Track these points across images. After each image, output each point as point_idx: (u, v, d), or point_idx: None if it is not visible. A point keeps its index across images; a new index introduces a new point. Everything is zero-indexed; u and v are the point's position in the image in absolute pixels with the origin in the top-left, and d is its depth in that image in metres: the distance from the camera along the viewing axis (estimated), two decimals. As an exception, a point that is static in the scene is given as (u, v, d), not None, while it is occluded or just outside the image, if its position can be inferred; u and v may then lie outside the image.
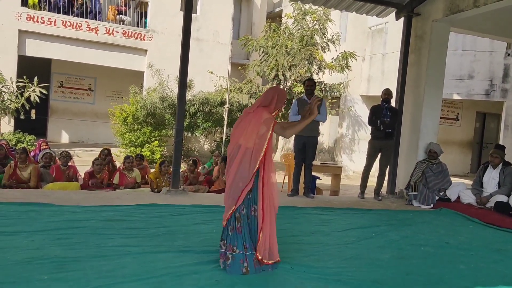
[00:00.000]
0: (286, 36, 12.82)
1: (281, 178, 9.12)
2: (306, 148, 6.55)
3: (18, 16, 12.49)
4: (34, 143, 11.06)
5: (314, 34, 12.59)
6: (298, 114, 6.32)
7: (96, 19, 13.50)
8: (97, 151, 9.55)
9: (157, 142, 12.37)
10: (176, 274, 3.04)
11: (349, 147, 14.26)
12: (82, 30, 13.15)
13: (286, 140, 16.82)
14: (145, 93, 12.93)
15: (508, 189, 6.26)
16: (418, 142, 7.20)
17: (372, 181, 7.28)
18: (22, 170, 6.28)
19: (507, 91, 11.87)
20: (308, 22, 12.83)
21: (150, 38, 14.05)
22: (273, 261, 3.28)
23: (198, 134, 13.41)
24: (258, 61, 12.93)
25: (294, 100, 7.31)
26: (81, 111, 15.34)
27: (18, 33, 12.55)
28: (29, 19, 12.59)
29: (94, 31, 13.30)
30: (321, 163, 8.79)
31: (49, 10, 12.94)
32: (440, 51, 7.26)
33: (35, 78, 12.20)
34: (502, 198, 6.17)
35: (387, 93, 6.94)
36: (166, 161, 7.38)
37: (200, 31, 14.41)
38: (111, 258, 3.24)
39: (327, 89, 13.17)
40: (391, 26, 11.97)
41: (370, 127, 7.15)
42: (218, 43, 14.95)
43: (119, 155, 11.02)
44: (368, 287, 3.15)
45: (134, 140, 12.16)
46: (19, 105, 11.93)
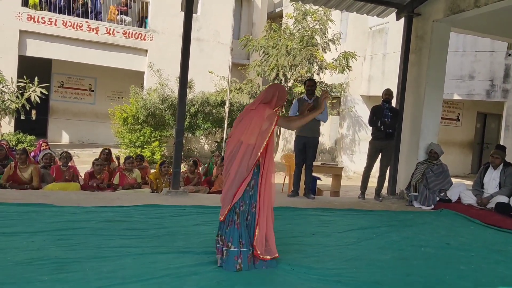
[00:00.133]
0: (286, 36, 12.83)
1: (281, 178, 9.12)
2: (306, 148, 6.55)
3: (19, 16, 12.50)
4: (34, 144, 11.06)
5: (315, 34, 12.60)
6: (298, 114, 6.31)
7: (96, 19, 13.52)
8: (97, 152, 9.56)
9: (157, 143, 12.38)
10: (176, 275, 3.03)
11: (349, 148, 14.25)
12: (82, 30, 13.16)
13: (286, 140, 16.82)
14: (145, 93, 12.93)
15: (509, 190, 6.24)
16: (419, 142, 7.18)
17: (372, 181, 7.27)
18: (22, 170, 6.27)
19: (508, 92, 11.86)
20: (308, 22, 12.84)
21: (150, 38, 14.06)
22: (270, 257, 3.30)
23: (198, 135, 13.41)
24: (259, 61, 12.94)
25: (294, 100, 7.30)
26: (81, 112, 15.35)
27: (18, 33, 12.57)
28: (29, 19, 12.60)
29: (95, 31, 13.31)
30: (321, 164, 8.78)
31: (49, 10, 12.95)
32: (440, 51, 7.25)
33: (36, 78, 12.21)
34: (503, 199, 6.16)
35: (388, 93, 6.93)
36: (166, 161, 7.38)
37: (200, 31, 14.42)
38: (111, 259, 3.24)
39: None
40: (392, 26, 11.96)
41: (370, 128, 7.14)
42: (218, 43, 14.95)
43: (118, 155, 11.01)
44: (368, 288, 3.15)
45: (135, 140, 12.17)
46: (20, 105, 11.95)
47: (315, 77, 12.55)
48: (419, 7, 7.35)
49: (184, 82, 6.30)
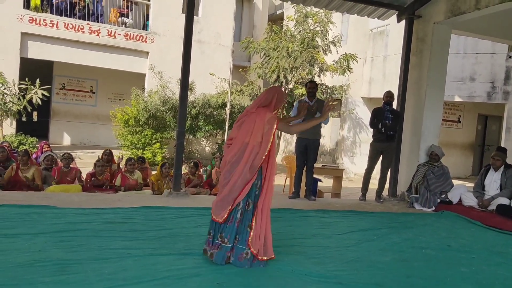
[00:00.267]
0: (287, 38, 12.84)
1: (282, 180, 9.12)
2: (307, 150, 6.55)
3: (21, 18, 12.54)
4: (36, 145, 11.09)
5: (316, 36, 12.61)
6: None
7: (98, 22, 13.55)
8: (98, 153, 9.57)
9: (158, 145, 12.39)
10: (177, 276, 3.04)
11: (350, 150, 14.25)
12: (84, 32, 13.19)
13: (287, 142, 16.82)
14: (146, 95, 12.95)
15: (510, 191, 6.23)
16: (420, 144, 7.18)
17: (373, 183, 7.27)
18: (24, 172, 6.29)
19: (509, 93, 11.86)
20: (309, 25, 12.85)
21: (152, 40, 14.09)
22: (267, 257, 3.35)
23: (199, 137, 13.43)
24: (260, 63, 12.95)
25: (295, 102, 7.31)
26: (82, 113, 15.37)
27: (20, 35, 12.60)
28: (31, 22, 12.63)
29: (96, 34, 13.33)
30: (322, 166, 8.79)
31: (51, 13, 12.99)
32: (441, 53, 7.25)
33: (37, 80, 12.24)
34: (504, 200, 6.15)
35: (389, 95, 6.93)
36: (167, 163, 7.39)
37: (201, 33, 14.45)
38: (113, 261, 3.25)
39: (329, 91, 13.17)
40: (393, 28, 11.98)
41: (371, 130, 7.15)
42: (219, 45, 14.98)
43: (121, 157, 11.02)
44: (369, 290, 3.15)
45: (136, 142, 12.19)
46: (21, 107, 11.97)
47: (316, 79, 12.54)
48: (420, 9, 7.36)
49: (185, 84, 6.32)
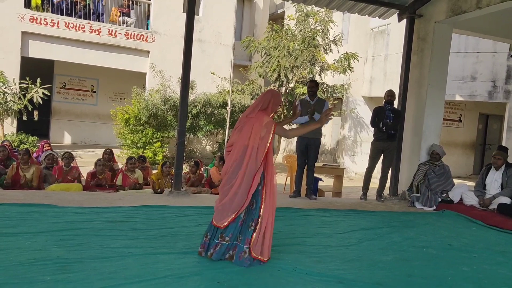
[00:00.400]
0: (288, 37, 12.83)
1: (283, 179, 9.12)
2: (308, 149, 6.55)
3: (21, 17, 12.54)
4: (36, 144, 11.09)
5: (316, 36, 12.59)
6: (300, 115, 6.31)
7: (99, 21, 13.55)
8: (99, 153, 9.57)
9: (159, 144, 12.40)
10: (178, 275, 3.04)
11: (351, 149, 14.25)
12: (85, 31, 13.19)
13: (288, 141, 16.82)
14: (147, 94, 12.95)
15: (511, 190, 6.23)
16: (421, 143, 7.18)
17: (374, 182, 7.27)
18: (24, 171, 6.29)
19: (510, 93, 11.84)
20: (310, 24, 12.83)
21: (152, 39, 14.09)
22: (267, 258, 3.38)
23: (200, 136, 13.43)
24: (260, 62, 12.94)
25: (297, 101, 7.30)
26: (83, 113, 15.38)
27: (21, 34, 12.60)
28: (32, 21, 12.63)
29: (97, 33, 13.34)
30: (323, 165, 8.78)
31: (52, 12, 12.99)
32: (442, 53, 7.24)
33: (38, 80, 12.24)
34: (505, 200, 6.14)
35: (390, 94, 6.93)
36: (168, 162, 7.39)
37: (202, 33, 14.44)
38: (114, 260, 3.25)
39: (329, 90, 13.16)
40: (394, 27, 11.97)
41: (372, 129, 7.14)
42: (220, 45, 14.97)
43: (122, 157, 11.04)
44: (370, 289, 3.15)
45: (137, 141, 12.19)
46: (22, 106, 11.97)
47: (317, 78, 12.54)
48: (421, 8, 7.35)
49: (186, 83, 6.32)
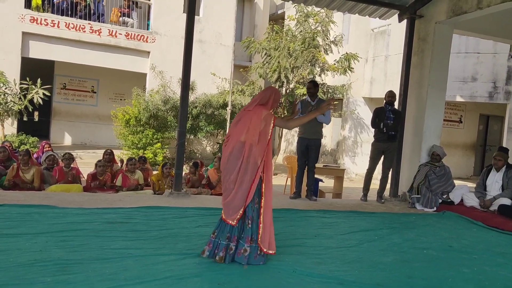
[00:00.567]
0: (288, 38, 12.83)
1: (283, 180, 9.11)
2: (308, 150, 6.54)
3: (22, 18, 12.54)
4: (37, 145, 11.09)
5: (317, 36, 12.59)
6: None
7: (99, 21, 13.55)
8: (99, 153, 9.57)
9: (159, 144, 12.39)
10: (178, 277, 3.04)
11: (351, 150, 14.24)
12: (85, 32, 13.20)
13: (288, 142, 16.81)
14: (147, 95, 12.95)
15: (511, 192, 6.22)
16: (421, 144, 7.17)
17: (375, 183, 7.26)
18: (24, 172, 6.29)
19: (511, 93, 11.84)
20: (310, 24, 12.83)
21: (153, 40, 14.09)
22: (273, 251, 3.43)
23: (200, 136, 13.43)
24: (261, 63, 12.94)
25: (298, 101, 7.30)
26: (83, 113, 15.38)
27: (21, 35, 12.59)
28: (32, 21, 12.63)
29: (97, 33, 13.34)
30: (323, 166, 8.78)
31: (52, 12, 12.99)
32: (443, 53, 7.24)
33: (38, 80, 12.25)
34: (505, 201, 6.13)
35: (391, 95, 6.92)
36: (168, 163, 7.39)
37: (202, 33, 14.44)
38: (114, 261, 3.24)
39: (330, 91, 13.16)
40: (394, 28, 11.96)
41: (373, 130, 7.14)
42: (220, 45, 14.97)
43: (122, 157, 11.03)
44: (371, 291, 3.14)
45: (137, 142, 12.19)
46: (22, 107, 11.97)
47: (317, 79, 12.53)
48: (422, 9, 7.35)
49: (186, 84, 6.32)
